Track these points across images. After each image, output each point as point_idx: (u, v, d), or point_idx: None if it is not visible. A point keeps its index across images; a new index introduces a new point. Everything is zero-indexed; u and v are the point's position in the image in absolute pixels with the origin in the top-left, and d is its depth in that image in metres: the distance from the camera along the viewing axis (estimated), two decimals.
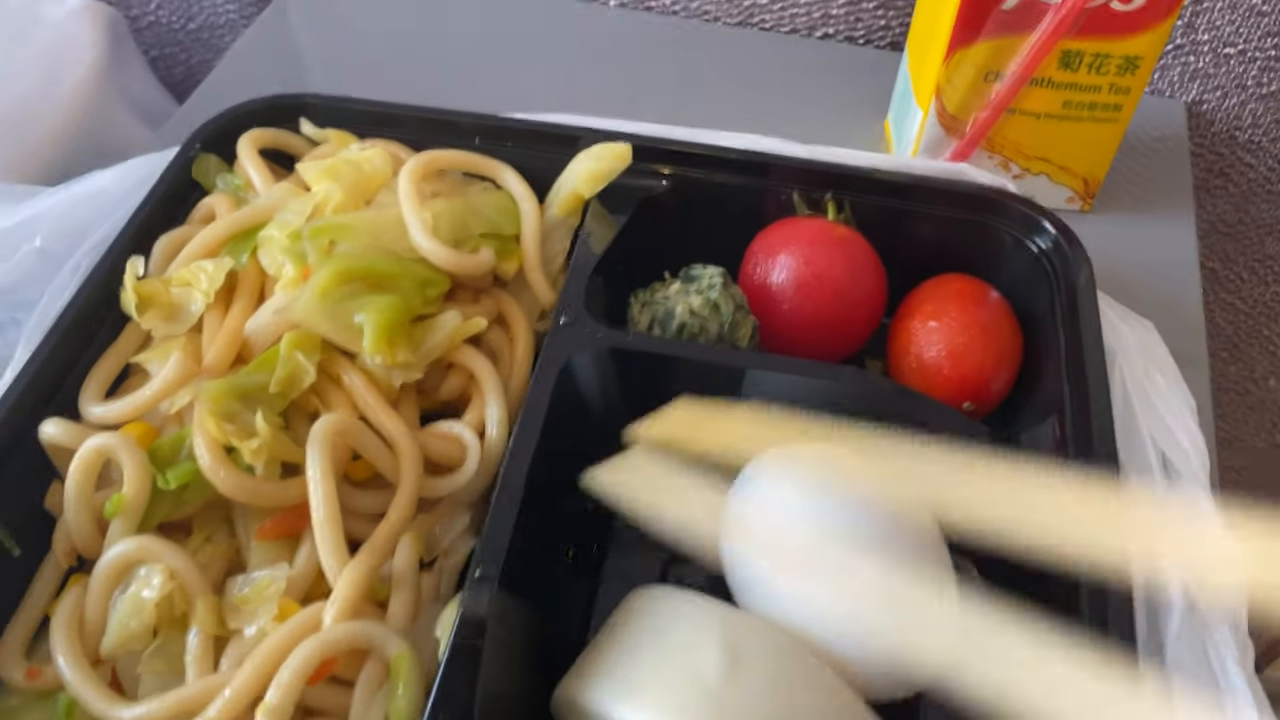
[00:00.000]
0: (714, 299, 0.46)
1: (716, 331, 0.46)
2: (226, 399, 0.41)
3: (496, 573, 0.37)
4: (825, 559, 0.38)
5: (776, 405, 0.45)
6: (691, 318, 0.45)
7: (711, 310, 0.46)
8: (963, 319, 0.47)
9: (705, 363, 0.44)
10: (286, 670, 0.37)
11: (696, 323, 0.45)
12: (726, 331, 0.46)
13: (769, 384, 0.45)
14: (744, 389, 0.45)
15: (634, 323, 0.47)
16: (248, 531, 0.42)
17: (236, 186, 0.51)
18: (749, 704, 0.35)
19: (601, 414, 0.45)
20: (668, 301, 0.46)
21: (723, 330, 0.46)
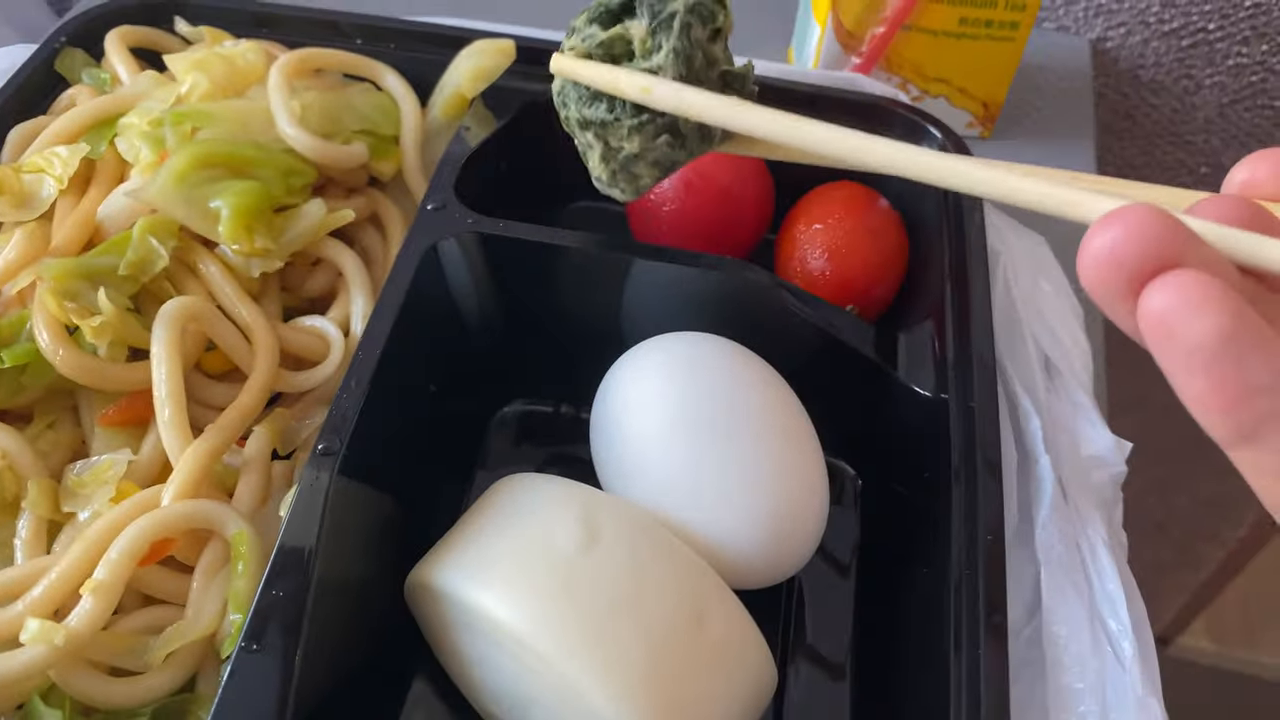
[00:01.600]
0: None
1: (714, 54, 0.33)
2: (71, 278, 0.39)
3: (339, 449, 0.35)
4: (688, 442, 0.37)
5: (659, 299, 0.44)
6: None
7: None
8: (847, 222, 0.46)
9: (583, 252, 0.42)
10: (116, 548, 0.35)
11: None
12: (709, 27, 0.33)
13: (652, 276, 0.43)
14: (628, 281, 0.43)
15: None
16: (91, 419, 0.40)
17: (102, 81, 0.49)
18: (601, 578, 0.34)
19: (469, 305, 0.43)
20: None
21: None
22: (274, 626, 0.32)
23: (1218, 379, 0.19)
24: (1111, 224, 0.20)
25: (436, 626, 0.37)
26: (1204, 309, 0.18)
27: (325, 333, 0.43)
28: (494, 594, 0.33)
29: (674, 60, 0.31)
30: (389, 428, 0.38)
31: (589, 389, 0.43)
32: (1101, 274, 0.20)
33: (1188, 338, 0.19)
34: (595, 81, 0.33)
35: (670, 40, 0.31)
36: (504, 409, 0.47)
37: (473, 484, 0.45)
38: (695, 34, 0.32)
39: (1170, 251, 0.19)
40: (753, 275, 0.43)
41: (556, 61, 0.34)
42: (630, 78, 0.31)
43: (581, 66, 0.33)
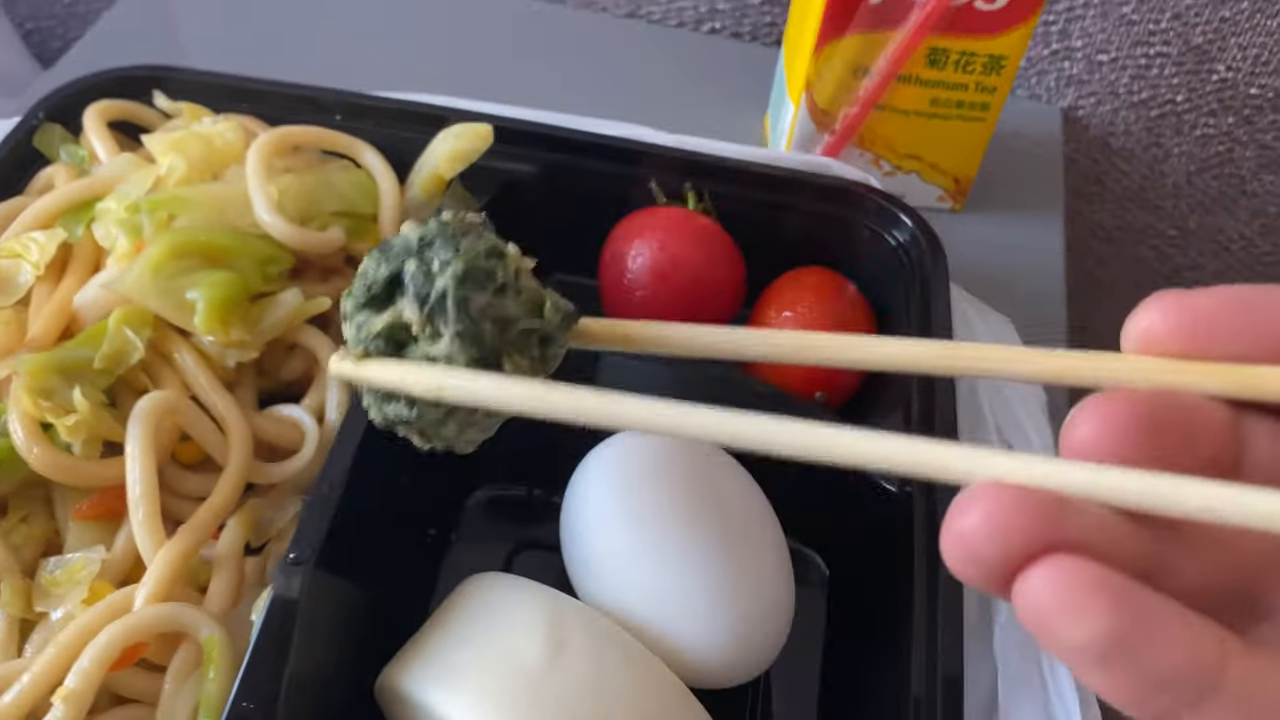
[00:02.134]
0: (563, 307, 0.29)
1: (511, 314, 0.28)
2: (46, 374, 0.39)
3: (311, 555, 0.36)
4: (654, 544, 0.38)
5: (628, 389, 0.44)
6: (510, 267, 0.28)
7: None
8: (816, 309, 0.47)
9: None
10: (88, 655, 0.35)
11: (508, 273, 0.28)
12: (514, 331, 0.28)
13: (622, 369, 0.44)
14: (598, 370, 0.44)
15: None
16: (66, 513, 0.40)
17: (81, 158, 0.50)
18: (569, 690, 0.34)
19: None
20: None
21: (517, 324, 0.28)
22: None
23: (1111, 679, 0.17)
24: (965, 511, 0.18)
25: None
26: (1083, 609, 0.17)
27: (300, 422, 0.43)
28: (462, 703, 0.34)
29: (460, 346, 0.27)
30: (362, 526, 0.38)
31: (562, 474, 0.44)
32: (963, 569, 0.18)
33: (1071, 640, 0.17)
34: (385, 386, 0.28)
35: (449, 325, 0.27)
36: (476, 493, 0.48)
37: (442, 570, 0.46)
38: (476, 305, 0.27)
39: (1037, 535, 0.18)
40: (721, 371, 0.44)
41: (335, 368, 0.29)
42: (418, 376, 0.27)
43: (365, 370, 0.28)
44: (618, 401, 0.25)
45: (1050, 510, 0.18)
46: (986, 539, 0.18)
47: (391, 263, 0.28)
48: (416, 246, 0.27)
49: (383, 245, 0.29)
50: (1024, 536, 0.18)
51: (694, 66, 0.69)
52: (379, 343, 0.28)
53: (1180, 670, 0.17)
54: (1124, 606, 0.17)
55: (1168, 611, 0.17)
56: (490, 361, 0.27)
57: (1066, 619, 0.17)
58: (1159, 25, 0.62)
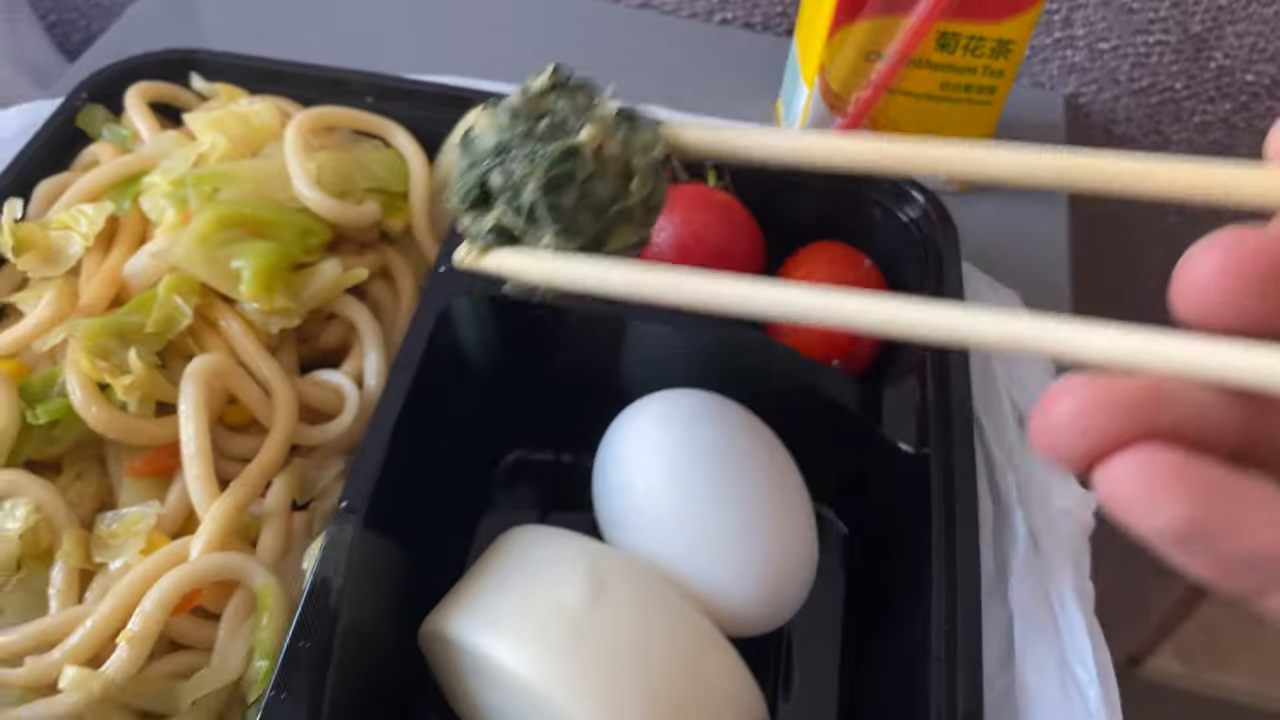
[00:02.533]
0: (648, 158, 0.29)
1: (604, 198, 0.29)
2: (101, 336, 0.41)
3: (362, 506, 0.37)
4: (685, 496, 0.40)
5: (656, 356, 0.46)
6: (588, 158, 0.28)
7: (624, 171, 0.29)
8: (835, 281, 0.49)
9: (587, 314, 0.45)
10: (149, 600, 0.37)
11: (588, 164, 0.28)
12: (612, 211, 0.29)
13: (650, 334, 0.46)
14: (626, 339, 0.46)
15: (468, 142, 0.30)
16: (118, 470, 0.42)
17: (123, 137, 0.51)
18: (608, 633, 0.36)
19: (478, 362, 0.46)
20: (579, 117, 0.29)
21: (615, 202, 0.29)
22: (301, 675, 0.35)
23: (1195, 559, 0.18)
24: (1055, 403, 0.19)
25: (450, 673, 0.39)
26: (1161, 499, 0.17)
27: (341, 387, 0.45)
28: (507, 644, 0.36)
29: (564, 239, 0.29)
30: (405, 482, 0.40)
31: (589, 438, 0.46)
32: (1054, 453, 0.19)
33: (1151, 525, 0.18)
34: (507, 275, 0.30)
35: (546, 226, 0.29)
36: (508, 456, 0.50)
37: (478, 530, 0.47)
38: (566, 203, 0.28)
39: (1123, 428, 0.18)
40: (744, 335, 0.46)
41: (461, 259, 0.31)
42: (533, 265, 0.29)
43: (487, 262, 0.31)
44: (713, 281, 0.26)
45: (1138, 401, 0.18)
46: (1072, 434, 0.18)
47: (476, 168, 0.29)
48: (495, 151, 0.29)
49: (465, 142, 0.30)
50: (1109, 431, 0.18)
51: (706, 56, 0.71)
52: (492, 237, 0.30)
53: (1266, 553, 0.17)
54: (1204, 495, 0.17)
55: (1255, 495, 0.17)
56: (599, 240, 0.29)
57: (1144, 508, 0.17)
58: (1158, 14, 0.64)
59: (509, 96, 0.29)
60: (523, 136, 0.29)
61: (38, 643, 0.37)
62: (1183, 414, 0.18)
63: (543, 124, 0.29)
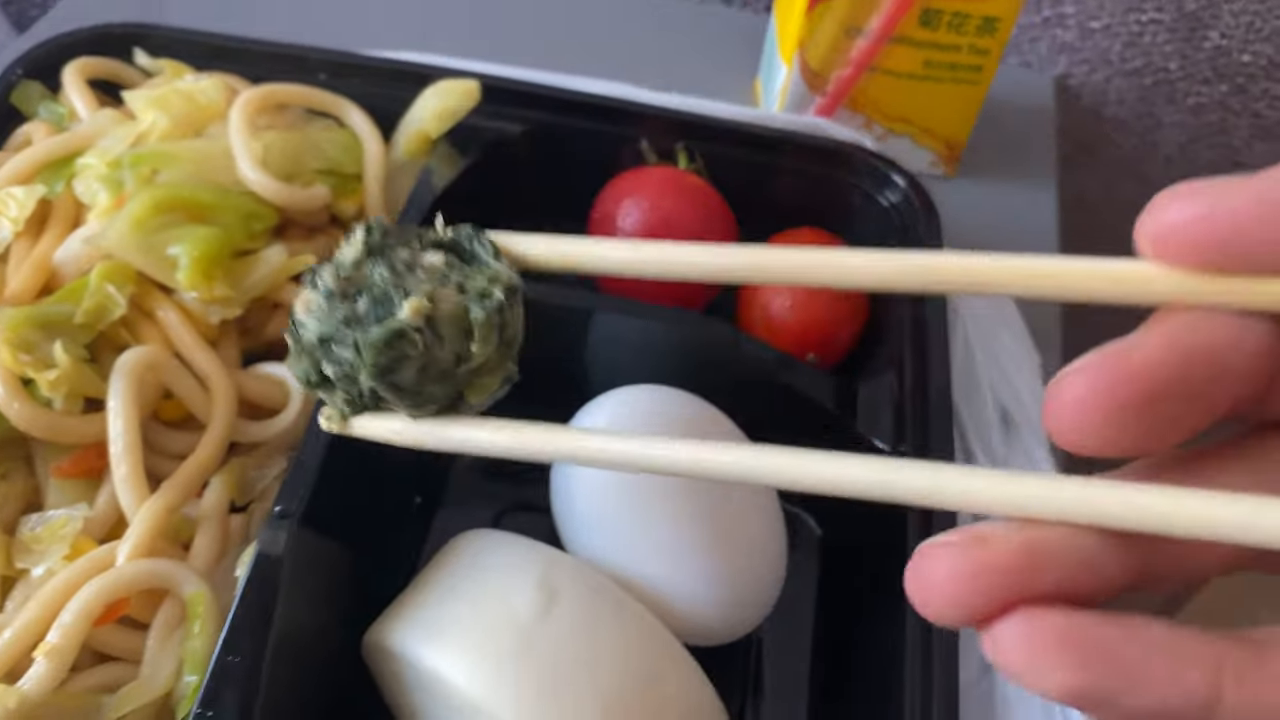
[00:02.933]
0: (485, 308, 0.26)
1: (449, 362, 0.26)
2: (26, 328, 0.39)
3: (298, 510, 0.35)
4: (644, 500, 0.37)
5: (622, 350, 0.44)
6: (417, 334, 0.25)
7: (463, 330, 0.26)
8: None
9: (549, 305, 0.42)
10: (71, 610, 0.34)
11: (418, 343, 0.25)
12: (462, 371, 0.26)
13: (612, 327, 0.44)
14: (589, 331, 0.44)
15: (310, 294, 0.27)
16: (45, 470, 0.39)
17: (60, 115, 0.49)
18: (560, 643, 0.34)
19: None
20: (401, 280, 0.26)
21: (462, 364, 0.26)
22: (230, 692, 0.32)
23: (1103, 715, 0.17)
24: (929, 565, 0.18)
25: (394, 687, 0.37)
26: (1047, 664, 0.17)
27: (284, 381, 0.43)
28: (450, 658, 0.33)
29: (416, 411, 0.27)
30: (348, 482, 0.38)
31: None
32: (934, 618, 0.18)
33: (1044, 690, 0.17)
34: (377, 439, 0.28)
35: (396, 405, 0.27)
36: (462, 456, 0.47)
37: (430, 532, 0.45)
38: (407, 381, 0.26)
39: (1002, 594, 0.17)
40: (714, 328, 0.43)
41: (326, 426, 0.28)
42: (403, 432, 0.27)
43: (354, 427, 0.28)
44: (599, 440, 0.25)
45: (1013, 566, 0.17)
46: (946, 600, 0.17)
47: (307, 357, 0.26)
48: (319, 342, 0.26)
49: (292, 326, 0.27)
50: (987, 597, 0.17)
51: (683, 33, 0.68)
52: (348, 409, 0.27)
53: (1165, 706, 0.16)
54: (1094, 657, 0.17)
55: (1149, 651, 0.17)
56: (460, 398, 0.27)
57: (1033, 675, 0.17)
58: None
59: (322, 273, 0.26)
60: (343, 322, 0.26)
61: None
62: (1064, 571, 0.18)
63: (362, 303, 0.26)
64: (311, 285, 0.27)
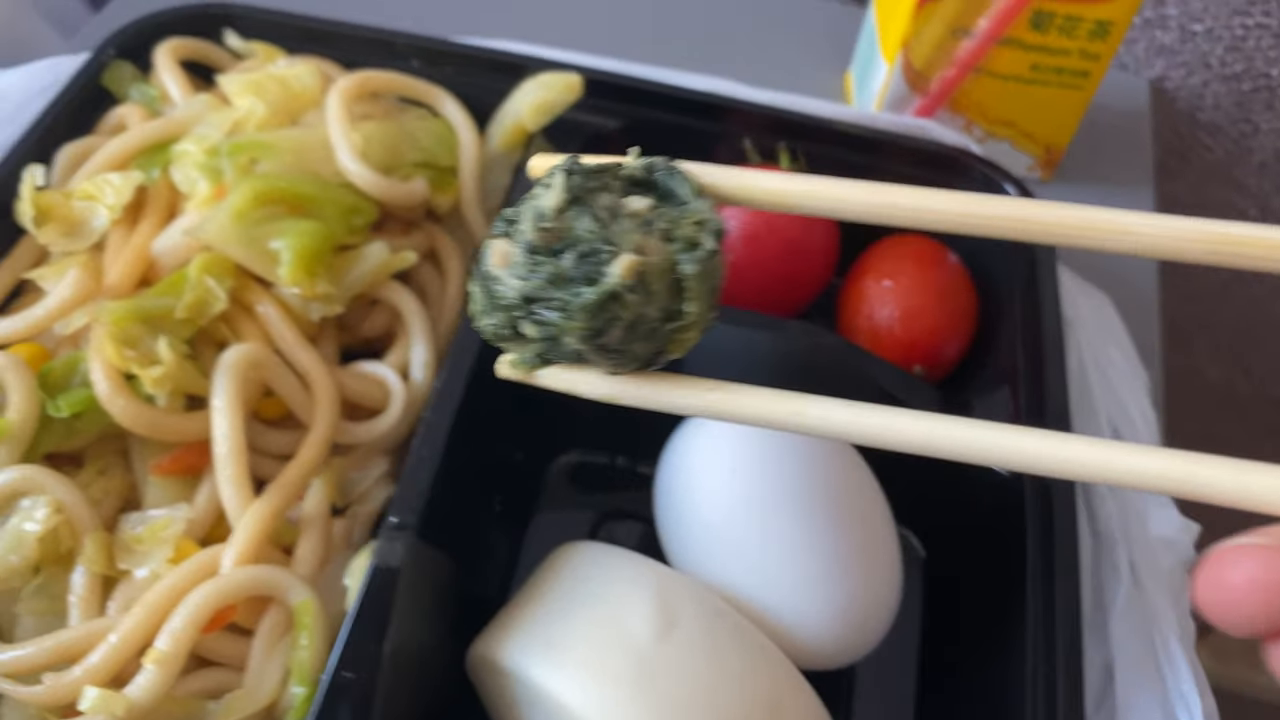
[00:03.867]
0: (697, 260, 0.25)
1: (656, 319, 0.25)
2: (128, 322, 0.38)
3: (414, 521, 0.34)
4: (763, 521, 0.36)
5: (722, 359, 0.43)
6: (630, 294, 0.24)
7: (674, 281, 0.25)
8: (918, 280, 0.45)
9: None
10: (179, 616, 0.34)
11: (630, 304, 0.24)
12: (668, 328, 0.25)
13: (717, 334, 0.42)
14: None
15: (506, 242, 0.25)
16: (144, 466, 0.39)
17: (151, 98, 0.48)
18: (679, 669, 0.33)
19: None
20: (606, 229, 0.24)
21: (670, 321, 0.25)
22: (344, 708, 0.32)
23: None
24: (1230, 567, 0.17)
25: (500, 702, 0.36)
26: None
27: (385, 380, 0.42)
28: (567, 677, 0.33)
29: (617, 367, 0.26)
30: (457, 490, 0.37)
31: (646, 442, 0.42)
32: (1224, 623, 0.17)
33: None
34: (560, 390, 0.27)
35: (597, 365, 0.26)
36: (560, 458, 0.46)
37: (526, 533, 0.44)
38: (613, 341, 0.25)
39: None
40: (823, 339, 0.42)
41: (505, 372, 0.28)
42: (592, 386, 0.27)
43: (537, 378, 0.28)
44: (819, 408, 0.27)
45: None
46: (1251, 605, 0.17)
47: (501, 313, 0.25)
48: (522, 302, 0.25)
49: (482, 277, 0.25)
50: None
51: (773, 23, 0.67)
52: (537, 361, 0.27)
53: None
54: None
55: None
56: (660, 353, 0.26)
57: None
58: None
59: (520, 222, 0.25)
60: (549, 281, 0.24)
61: (56, 657, 0.34)
62: None
63: (567, 260, 0.24)
64: (506, 235, 0.25)
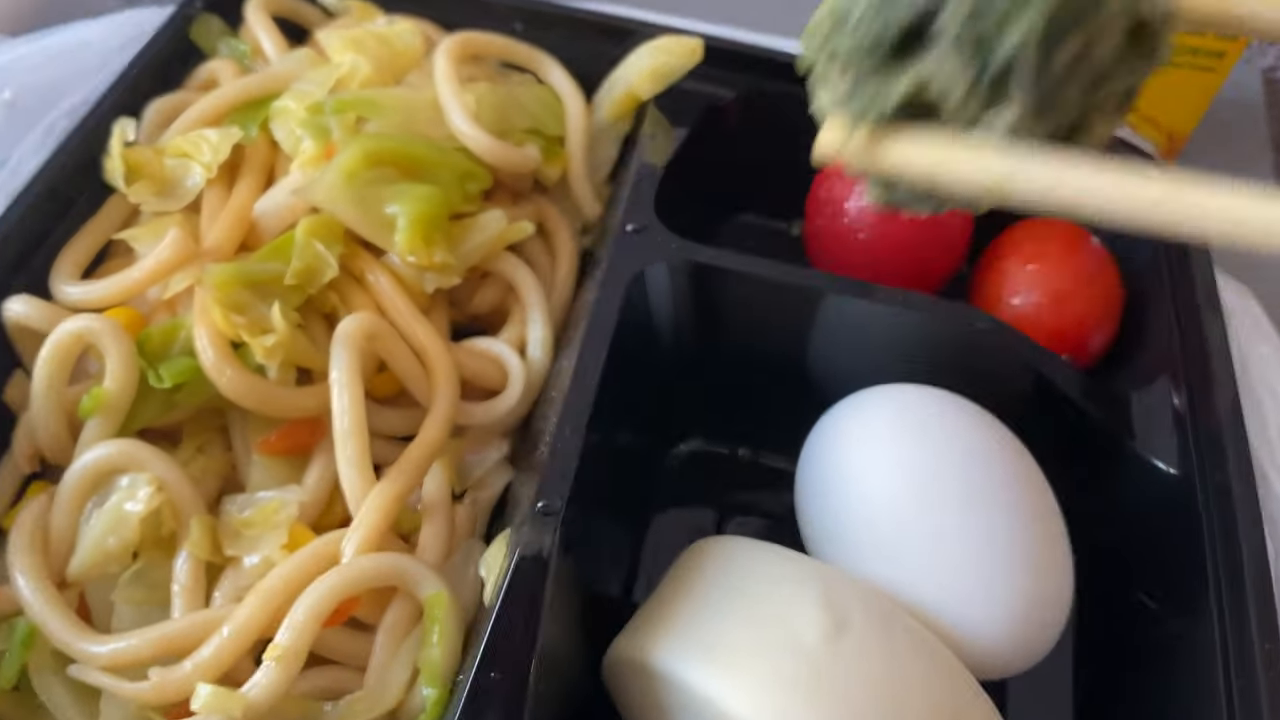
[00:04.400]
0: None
1: (1099, 69, 0.20)
2: (236, 287, 0.35)
3: (561, 505, 0.31)
4: (932, 516, 0.33)
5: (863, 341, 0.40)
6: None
7: None
8: (1066, 264, 0.42)
9: (789, 285, 0.38)
10: (301, 608, 0.30)
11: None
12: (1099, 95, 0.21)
13: (855, 314, 0.39)
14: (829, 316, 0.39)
15: None
16: (245, 445, 0.36)
17: (242, 53, 0.44)
18: (852, 674, 0.30)
19: (665, 338, 0.39)
20: None
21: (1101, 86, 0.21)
22: (491, 715, 0.28)
23: None
24: None
25: (645, 708, 0.33)
26: None
27: (502, 359, 0.39)
28: (731, 683, 0.29)
29: (1030, 121, 0.20)
30: (595, 480, 0.34)
31: (773, 433, 0.39)
32: None
33: None
34: (911, 172, 0.22)
35: (1017, 99, 0.20)
36: (679, 446, 0.43)
37: (647, 528, 0.41)
38: (1059, 64, 0.19)
39: None
40: (966, 316, 0.39)
41: (828, 146, 0.23)
42: (966, 164, 0.21)
43: (878, 151, 0.22)
44: None
45: None
46: None
47: (904, 7, 0.20)
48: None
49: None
50: None
51: None
52: (898, 112, 0.21)
53: None
54: None
55: None
56: (1065, 132, 0.20)
57: None
58: None
59: None
60: None
61: (161, 651, 0.31)
62: None
63: None
64: None
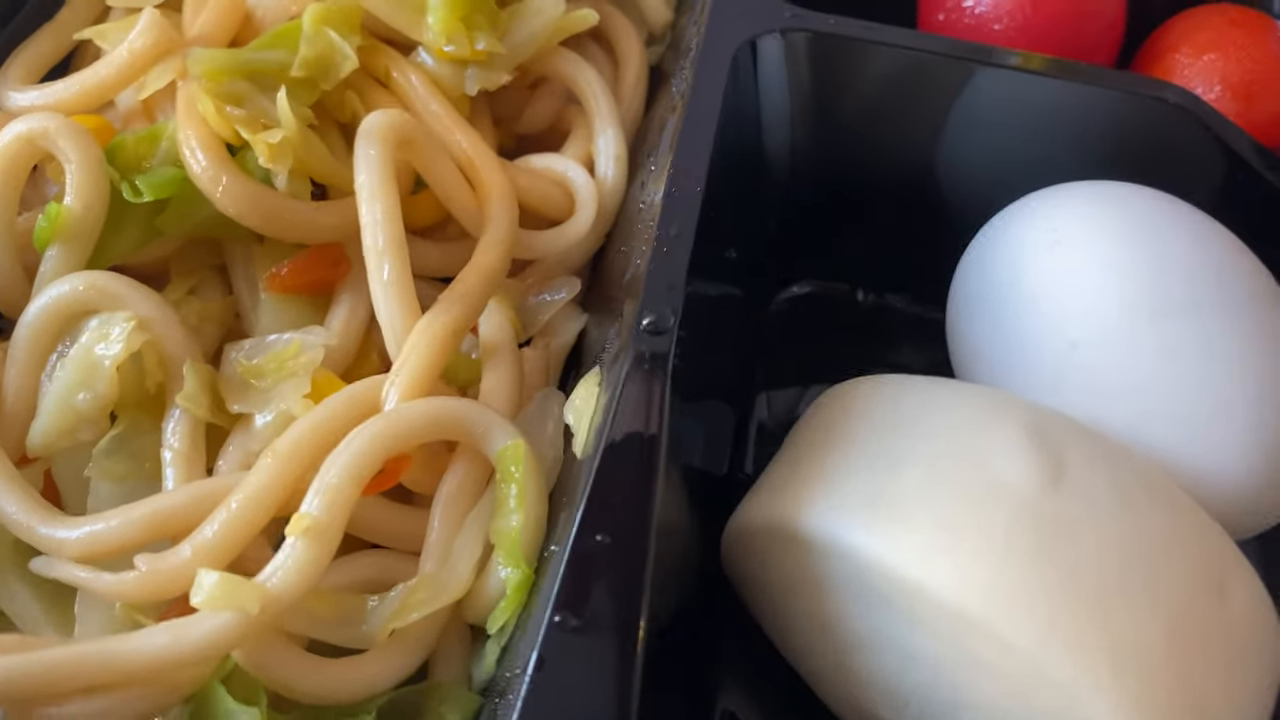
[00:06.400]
0: None
1: None
2: (230, 75, 0.27)
3: (674, 323, 0.23)
4: (1159, 334, 0.25)
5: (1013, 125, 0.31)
6: None
7: None
8: (1252, 53, 0.34)
9: (946, 60, 0.30)
10: (335, 468, 0.23)
11: None
12: None
13: (1012, 95, 0.31)
14: (982, 94, 0.31)
15: None
16: (251, 282, 0.28)
17: None
18: (1084, 531, 0.22)
19: (777, 132, 0.31)
20: None
21: None
22: (601, 589, 0.21)
23: None
24: None
25: (781, 587, 0.25)
26: None
27: (567, 178, 0.31)
28: (920, 548, 0.22)
29: None
30: (704, 300, 0.26)
31: (903, 268, 0.32)
32: None
33: None
34: None
35: None
36: (791, 288, 0.35)
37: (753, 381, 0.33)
38: None
39: None
40: (1173, 95, 0.30)
41: None
42: None
43: None
44: None
45: None
46: None
47: None
48: None
49: None
50: None
51: None
52: None
53: None
54: None
55: None
56: None
57: None
58: None
59: None
60: None
61: (152, 533, 0.23)
62: None
63: None
64: None
